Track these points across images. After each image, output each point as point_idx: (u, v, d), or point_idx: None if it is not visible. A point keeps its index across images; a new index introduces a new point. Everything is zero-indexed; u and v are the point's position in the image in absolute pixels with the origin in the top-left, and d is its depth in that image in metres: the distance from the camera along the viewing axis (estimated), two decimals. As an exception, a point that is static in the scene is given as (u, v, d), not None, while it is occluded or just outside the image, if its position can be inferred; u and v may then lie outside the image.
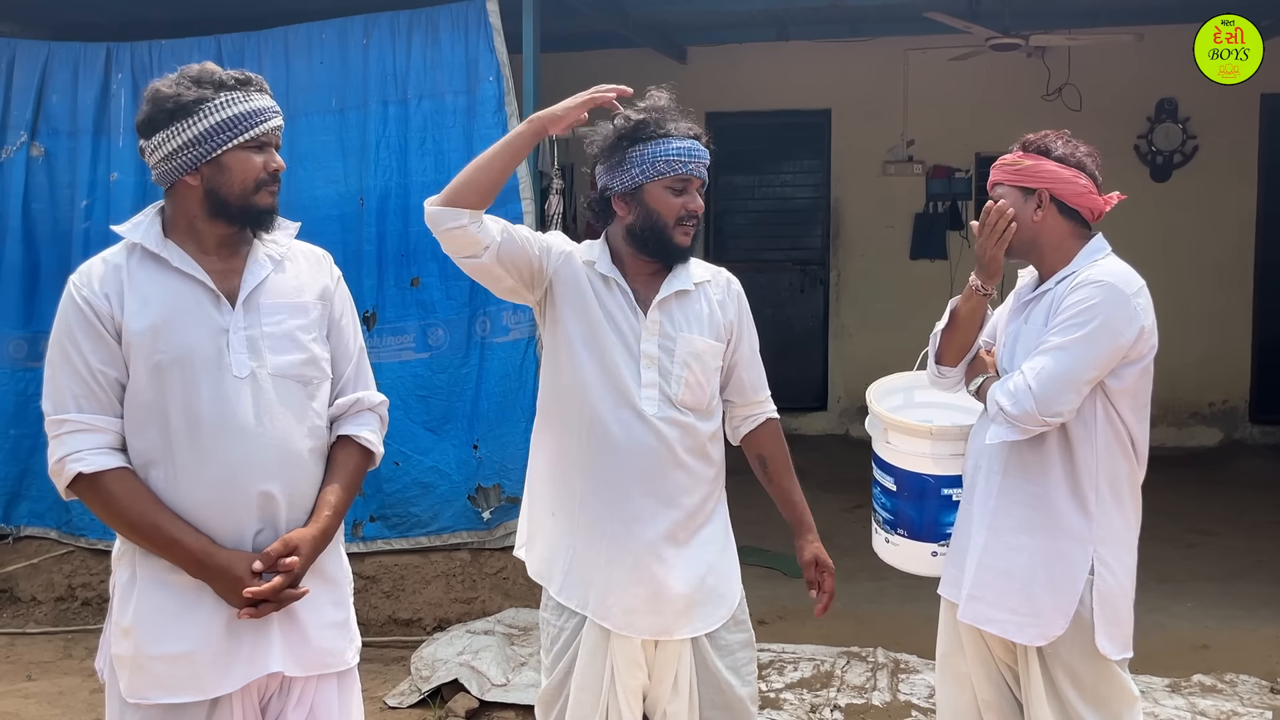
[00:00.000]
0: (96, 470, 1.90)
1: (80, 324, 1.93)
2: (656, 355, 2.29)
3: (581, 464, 2.32)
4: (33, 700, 3.99)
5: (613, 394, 2.28)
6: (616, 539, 2.29)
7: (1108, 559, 2.36)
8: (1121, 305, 2.34)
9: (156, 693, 1.91)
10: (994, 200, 2.45)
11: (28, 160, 4.93)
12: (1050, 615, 2.34)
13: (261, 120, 1.97)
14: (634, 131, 2.32)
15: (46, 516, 4.97)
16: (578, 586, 2.32)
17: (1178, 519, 5.92)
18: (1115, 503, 2.38)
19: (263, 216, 2.01)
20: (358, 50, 4.70)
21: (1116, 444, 2.38)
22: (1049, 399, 2.27)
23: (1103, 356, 2.31)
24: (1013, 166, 2.49)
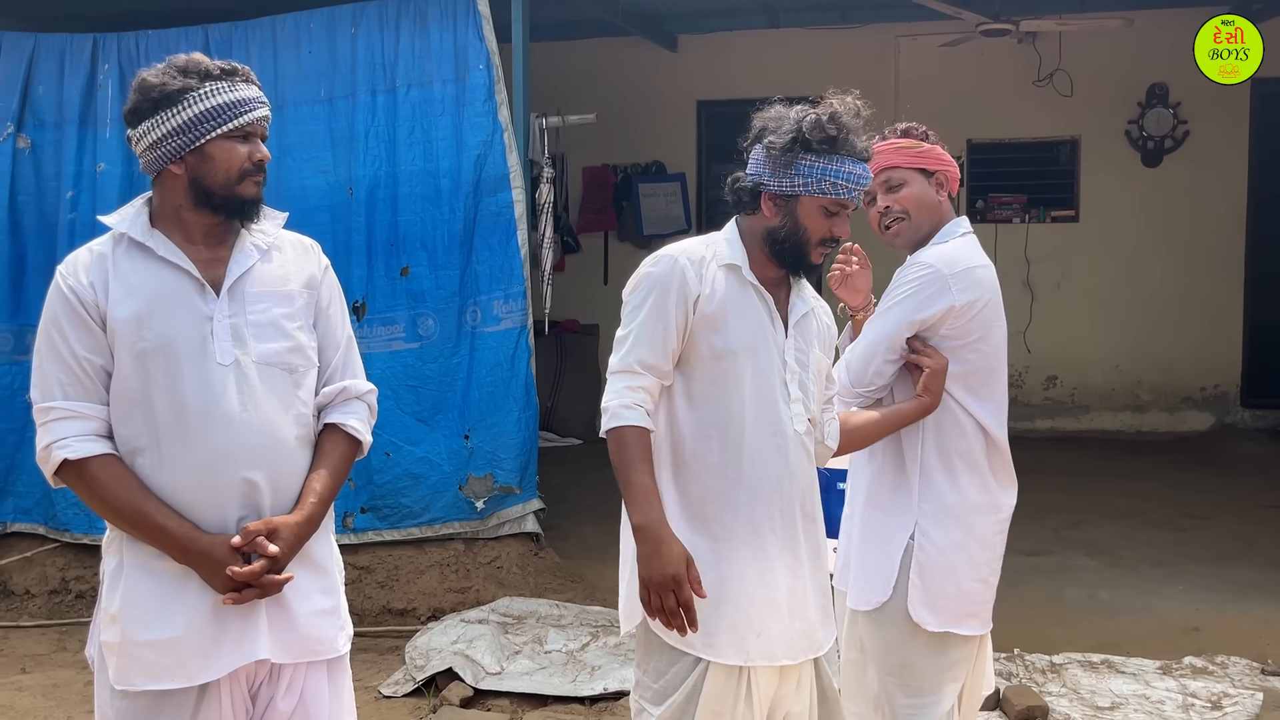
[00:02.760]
0: (82, 456, 1.91)
1: (66, 312, 1.93)
2: (798, 370, 2.18)
3: (739, 500, 2.12)
4: (27, 693, 3.98)
5: (760, 413, 2.12)
6: (776, 569, 2.13)
7: (930, 531, 2.40)
8: (932, 283, 2.38)
9: (144, 679, 1.91)
10: (883, 207, 2.49)
11: (14, 152, 4.91)
12: (874, 582, 2.42)
13: (246, 110, 1.97)
14: (811, 139, 2.13)
15: (33, 512, 4.95)
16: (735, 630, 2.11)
17: (1169, 503, 5.94)
18: (947, 477, 2.41)
19: (246, 206, 2.00)
20: (346, 40, 4.68)
21: (951, 422, 2.41)
22: (858, 372, 2.41)
23: (902, 329, 2.38)
24: (913, 149, 2.50)
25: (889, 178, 2.47)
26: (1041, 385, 7.93)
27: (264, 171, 2.02)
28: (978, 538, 2.42)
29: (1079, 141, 7.75)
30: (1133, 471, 6.68)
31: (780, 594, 2.12)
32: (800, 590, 2.16)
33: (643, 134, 8.05)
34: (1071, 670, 3.78)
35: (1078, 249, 7.77)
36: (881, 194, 2.48)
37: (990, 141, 7.87)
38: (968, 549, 2.41)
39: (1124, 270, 7.69)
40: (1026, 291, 7.80)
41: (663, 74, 7.93)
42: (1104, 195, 7.73)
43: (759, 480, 2.12)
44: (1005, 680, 3.72)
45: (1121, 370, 7.79)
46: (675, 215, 8.17)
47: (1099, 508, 5.90)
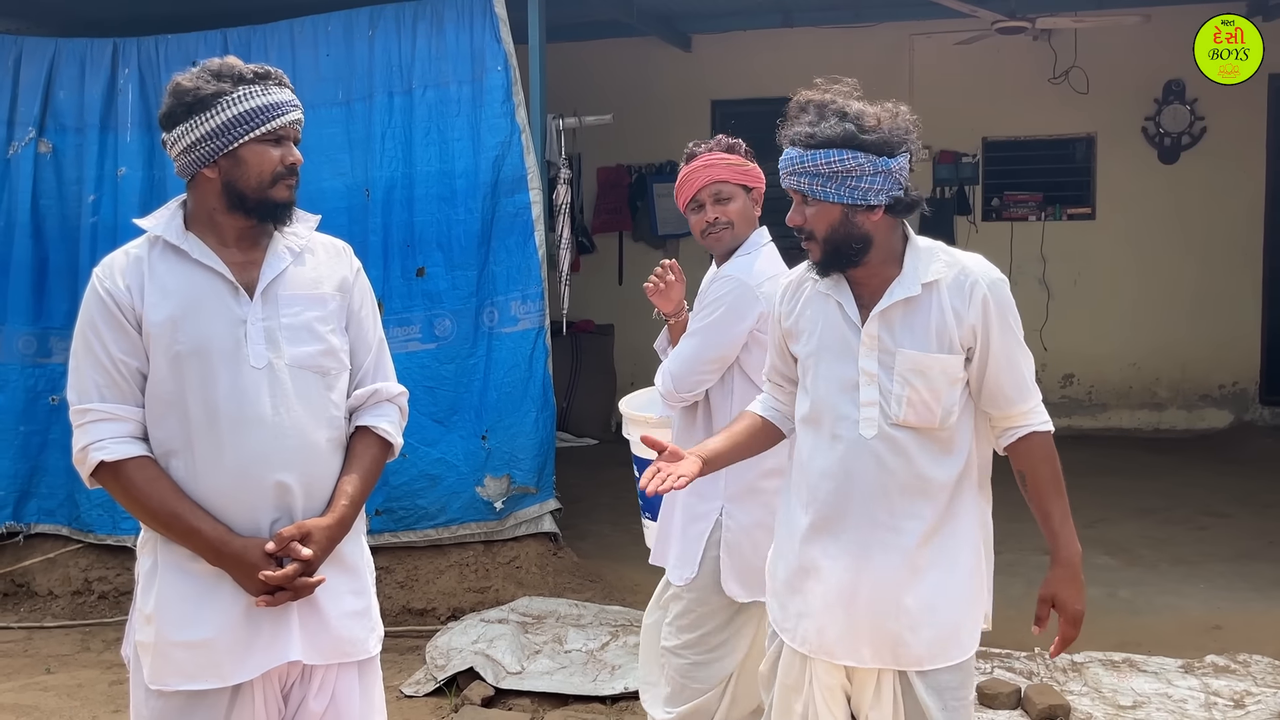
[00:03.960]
0: (118, 458, 1.93)
1: (103, 315, 1.95)
2: (876, 372, 2.11)
3: (799, 495, 2.22)
4: (51, 693, 4.01)
5: (832, 417, 2.15)
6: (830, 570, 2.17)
7: (735, 513, 2.70)
8: (744, 295, 2.66)
9: (177, 679, 1.93)
10: (712, 217, 2.73)
11: (35, 156, 4.94)
12: (686, 560, 2.73)
13: (279, 114, 1.98)
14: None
15: (56, 513, 4.98)
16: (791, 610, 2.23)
17: (1189, 501, 5.91)
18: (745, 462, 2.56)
19: (279, 209, 2.02)
20: (363, 42, 4.70)
21: None
22: (682, 377, 2.69)
23: (726, 339, 2.67)
24: (740, 167, 2.77)
25: (719, 190, 2.74)
26: (1058, 383, 7.90)
27: (296, 174, 2.03)
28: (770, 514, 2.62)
29: (1095, 139, 7.72)
30: (1151, 470, 6.65)
31: (836, 594, 2.14)
32: (870, 596, 2.12)
33: (657, 134, 8.05)
34: (1093, 669, 3.77)
35: (1094, 246, 7.74)
36: (711, 204, 2.74)
37: (1006, 139, 7.85)
38: (767, 525, 2.57)
39: (1141, 267, 7.65)
40: (1043, 289, 7.78)
41: (677, 74, 7.94)
42: (1121, 192, 7.69)
43: (820, 483, 2.16)
44: (1026, 679, 3.71)
45: (1139, 368, 7.76)
46: (690, 215, 8.17)
47: (1118, 506, 5.87)
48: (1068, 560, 2.16)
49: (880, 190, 2.07)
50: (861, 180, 2.05)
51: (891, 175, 2.07)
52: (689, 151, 2.83)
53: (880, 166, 2.06)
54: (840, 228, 2.08)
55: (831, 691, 2.18)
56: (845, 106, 2.10)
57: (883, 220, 2.11)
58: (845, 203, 2.06)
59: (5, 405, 4.94)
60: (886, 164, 2.06)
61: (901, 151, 2.08)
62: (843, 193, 2.06)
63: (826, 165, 2.05)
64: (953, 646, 2.13)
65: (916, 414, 2.09)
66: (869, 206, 2.07)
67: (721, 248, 2.75)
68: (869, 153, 2.05)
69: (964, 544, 2.15)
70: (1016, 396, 2.14)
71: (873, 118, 2.08)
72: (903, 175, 2.09)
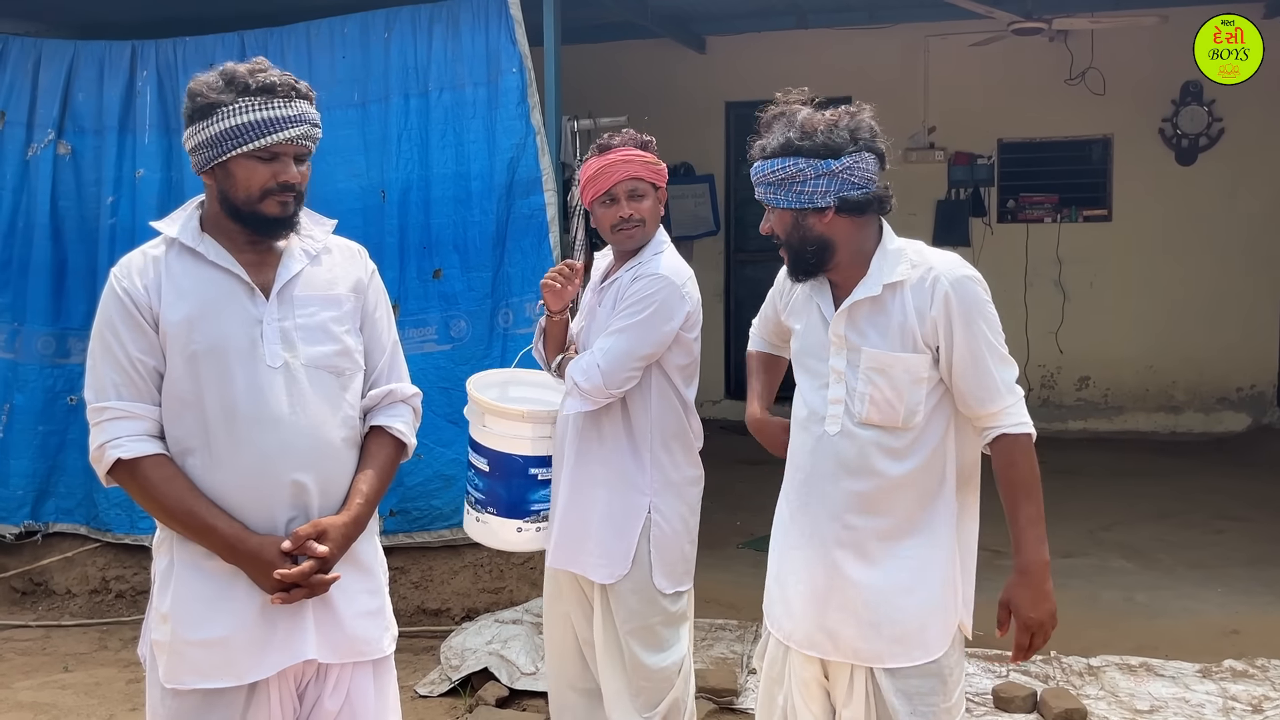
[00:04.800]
0: (135, 456, 1.94)
1: (120, 314, 1.96)
2: (843, 370, 2.17)
3: (785, 484, 2.31)
4: (70, 691, 4.04)
5: (805, 414, 2.24)
6: (799, 557, 2.25)
7: (662, 507, 2.77)
8: (673, 294, 2.71)
9: (193, 678, 1.94)
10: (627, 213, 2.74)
11: (55, 158, 4.98)
12: (617, 556, 2.74)
13: (272, 131, 1.94)
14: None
15: (75, 513, 5.02)
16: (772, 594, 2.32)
17: (1206, 505, 5.88)
18: (668, 456, 2.78)
19: (270, 224, 2.00)
20: (379, 44, 4.71)
21: (668, 408, 2.78)
22: (613, 373, 2.67)
23: (657, 337, 2.71)
24: (654, 166, 2.81)
25: (635, 186, 2.75)
26: (1074, 386, 7.86)
27: (294, 190, 2.00)
28: (691, 506, 2.83)
29: (1112, 140, 7.68)
30: (1168, 473, 6.61)
31: (803, 584, 2.22)
32: (828, 588, 2.18)
33: (671, 135, 8.00)
34: (1109, 673, 3.75)
35: (1110, 248, 7.70)
36: (625, 199, 2.75)
37: (1021, 141, 7.82)
38: (685, 517, 2.80)
39: (1157, 269, 7.61)
40: (1058, 291, 7.75)
41: (691, 75, 7.93)
42: (1137, 194, 7.65)
43: (800, 477, 2.25)
44: (1042, 683, 3.70)
45: (1155, 370, 7.71)
46: (704, 217, 8.17)
47: (1134, 510, 5.85)
48: (1026, 566, 2.14)
49: (825, 192, 2.13)
50: (805, 185, 2.13)
51: (835, 176, 2.12)
52: (603, 144, 2.82)
53: (822, 169, 2.12)
54: (794, 232, 2.18)
55: (807, 685, 2.24)
56: (793, 116, 2.17)
57: (836, 221, 2.16)
58: (794, 207, 2.16)
59: (24, 405, 4.98)
60: (828, 165, 2.12)
61: (850, 151, 2.12)
62: (790, 198, 2.16)
63: (773, 174, 2.16)
64: (915, 648, 2.15)
65: (880, 412, 2.13)
66: (816, 209, 2.15)
67: (631, 244, 2.79)
68: (808, 157, 2.13)
69: (933, 547, 2.16)
70: (985, 397, 2.13)
71: (811, 123, 2.14)
72: (854, 174, 2.13)
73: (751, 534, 5.40)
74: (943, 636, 2.17)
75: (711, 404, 8.34)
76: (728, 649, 4.06)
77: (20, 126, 4.98)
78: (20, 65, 4.99)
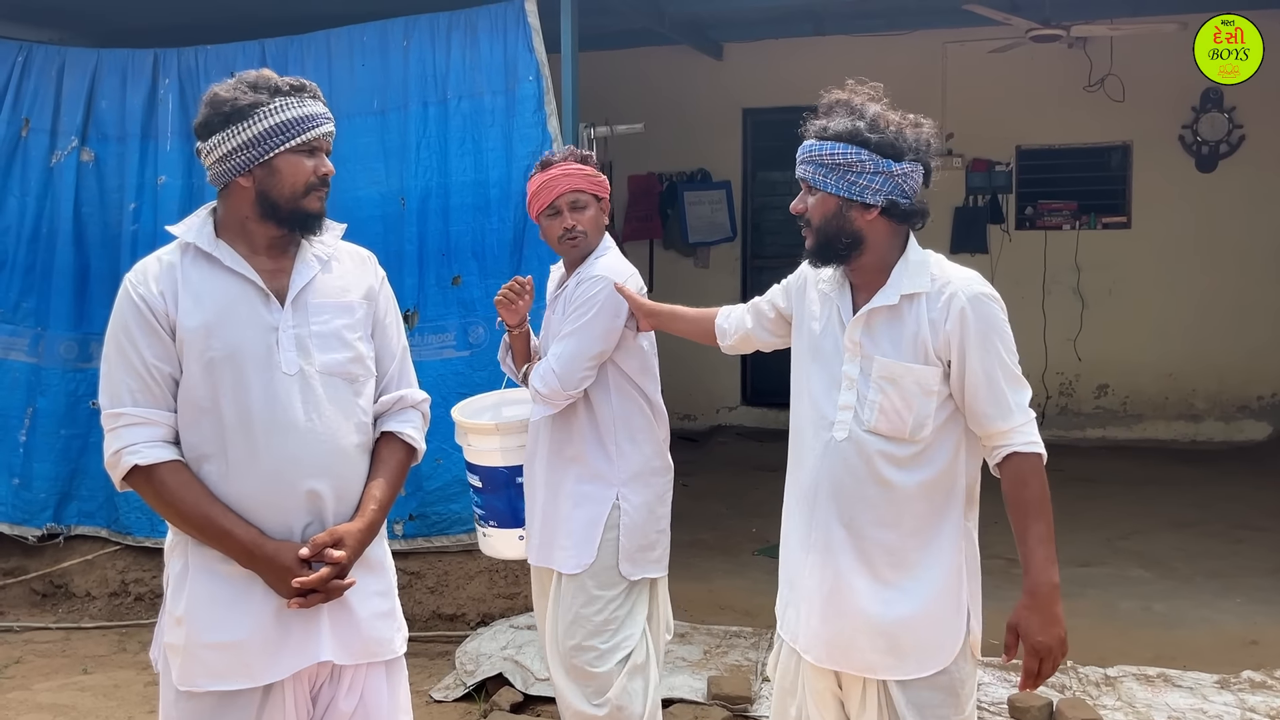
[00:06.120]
0: (151, 462, 1.95)
1: (136, 320, 1.98)
2: (855, 377, 2.16)
3: (790, 486, 2.33)
4: (89, 693, 4.08)
5: (814, 416, 2.23)
6: (807, 564, 2.25)
7: (630, 495, 2.89)
8: (614, 292, 2.84)
9: (208, 680, 1.95)
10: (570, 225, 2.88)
11: (78, 165, 5.03)
12: (584, 545, 2.86)
13: (313, 125, 2.02)
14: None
15: (96, 515, 5.07)
16: (782, 599, 2.34)
17: (1226, 514, 5.84)
18: (633, 448, 2.91)
19: (310, 220, 2.05)
20: (398, 52, 4.74)
21: (630, 403, 2.92)
22: (568, 375, 2.82)
23: (603, 334, 2.84)
24: (596, 178, 2.94)
25: (577, 199, 2.90)
26: (1092, 394, 7.82)
27: (328, 186, 2.07)
28: (659, 495, 2.96)
29: (1131, 147, 7.64)
30: (1187, 482, 6.56)
31: (812, 591, 2.22)
32: (831, 597, 2.18)
33: (688, 142, 8.07)
34: (1127, 683, 3.73)
35: (1130, 255, 7.66)
36: (569, 211, 2.89)
37: (1040, 147, 7.79)
38: (652, 505, 2.93)
39: (1177, 277, 7.56)
40: (1077, 299, 7.71)
41: (708, 82, 7.95)
42: (1157, 201, 7.61)
43: (806, 481, 2.25)
44: (1059, 693, 3.68)
45: (1175, 378, 7.66)
46: (720, 223, 8.17)
47: (1153, 518, 5.81)
48: (1034, 589, 2.09)
49: (878, 190, 2.12)
50: (860, 176, 2.11)
51: (892, 178, 2.12)
52: (545, 160, 2.97)
53: (882, 167, 2.11)
54: (834, 220, 2.15)
55: (821, 696, 2.23)
56: (863, 106, 2.16)
57: (877, 222, 2.15)
58: (842, 195, 2.13)
59: (47, 409, 5.04)
60: (889, 165, 2.11)
61: (909, 159, 2.12)
62: (841, 185, 2.13)
63: (830, 156, 2.13)
64: (926, 659, 2.12)
65: (888, 421, 2.12)
66: (864, 204, 2.13)
67: (577, 253, 2.93)
68: (872, 151, 2.11)
69: (939, 560, 2.14)
70: (995, 414, 2.10)
71: (884, 120, 2.13)
72: (906, 181, 2.13)
73: (766, 541, 5.39)
74: (951, 647, 2.15)
75: (727, 410, 8.34)
76: (742, 656, 4.06)
77: (44, 134, 5.05)
78: (44, 73, 5.06)
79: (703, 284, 8.09)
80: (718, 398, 8.34)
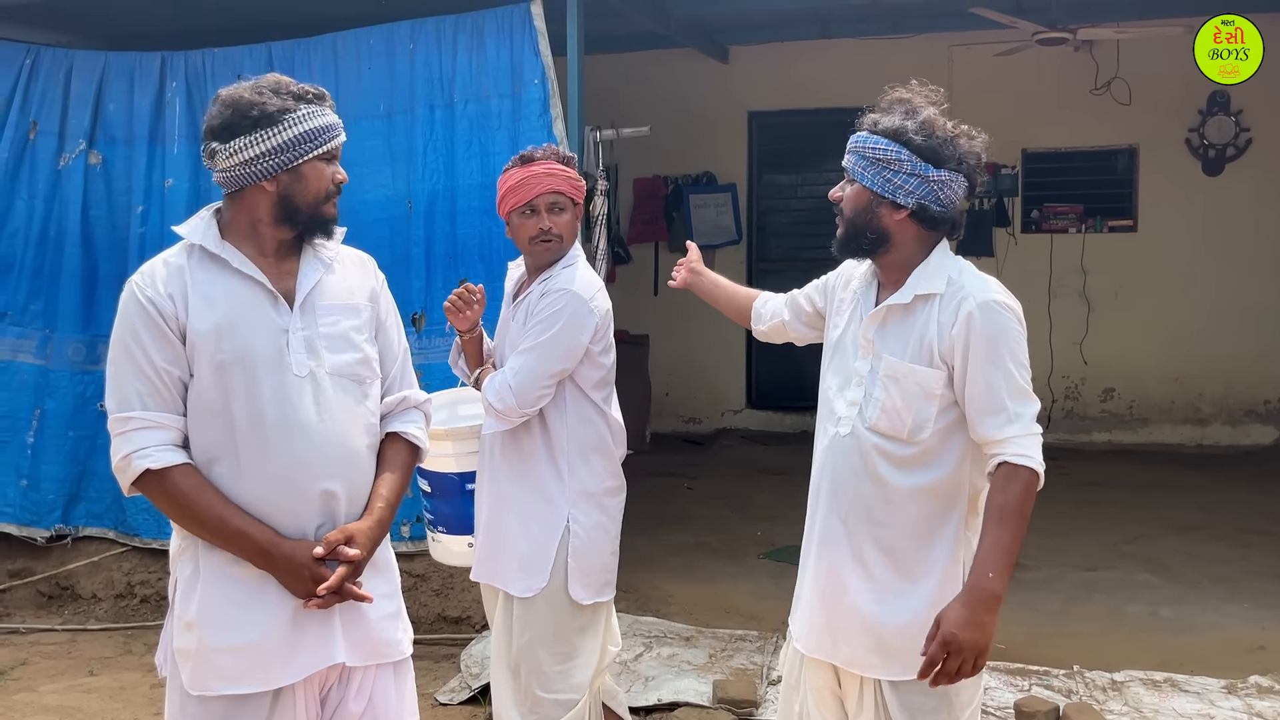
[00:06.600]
0: (164, 466, 1.95)
1: (145, 324, 1.97)
2: (865, 374, 2.18)
3: (811, 482, 2.34)
4: (95, 695, 4.08)
5: (826, 411, 2.26)
6: (811, 557, 2.28)
7: (581, 519, 2.77)
8: (580, 309, 2.72)
9: (220, 684, 1.95)
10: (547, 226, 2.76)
11: (86, 168, 5.05)
12: (535, 569, 2.74)
13: (336, 134, 2.06)
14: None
15: (104, 517, 5.09)
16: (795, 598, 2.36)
17: (1233, 518, 5.82)
18: (586, 469, 2.78)
19: (328, 225, 2.08)
20: (405, 55, 4.75)
21: (585, 420, 2.79)
22: (525, 393, 2.69)
23: (566, 353, 2.71)
24: (576, 181, 2.81)
25: (556, 200, 2.77)
26: (1098, 397, 7.81)
27: (340, 192, 2.09)
28: (611, 517, 2.83)
29: (1137, 150, 7.63)
30: (1194, 486, 6.55)
31: (811, 582, 2.26)
32: (826, 591, 2.21)
33: (694, 145, 8.07)
34: (1133, 688, 3.72)
35: (1136, 259, 7.65)
36: (546, 213, 2.76)
37: (1046, 151, 7.78)
38: (605, 528, 2.81)
39: (1184, 280, 7.55)
40: (1083, 302, 7.70)
41: (714, 85, 7.95)
42: (1163, 204, 7.60)
43: (815, 476, 2.28)
44: (1065, 697, 3.67)
45: (1181, 382, 7.65)
46: (726, 226, 8.18)
47: (1159, 522, 5.79)
48: (974, 589, 2.03)
49: (911, 192, 2.13)
50: (896, 175, 2.12)
51: (928, 182, 2.12)
52: (526, 155, 2.82)
53: (919, 169, 2.11)
54: (863, 213, 2.17)
55: (820, 693, 2.25)
56: (918, 108, 2.16)
57: (906, 223, 2.16)
58: (875, 190, 2.15)
59: (55, 411, 5.05)
60: (926, 169, 2.11)
61: (950, 167, 2.11)
62: (876, 181, 2.15)
63: (872, 150, 2.15)
64: (912, 663, 2.07)
65: (888, 420, 2.13)
66: (895, 203, 2.14)
67: (548, 257, 2.80)
68: (912, 151, 2.11)
69: (934, 566, 2.14)
70: (992, 423, 2.07)
71: (934, 125, 2.13)
72: (943, 189, 2.13)
73: (772, 544, 5.38)
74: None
75: (733, 414, 8.34)
76: (748, 660, 4.05)
77: (52, 136, 5.06)
78: (52, 76, 5.07)
79: (708, 287, 8.07)
80: (723, 401, 8.35)
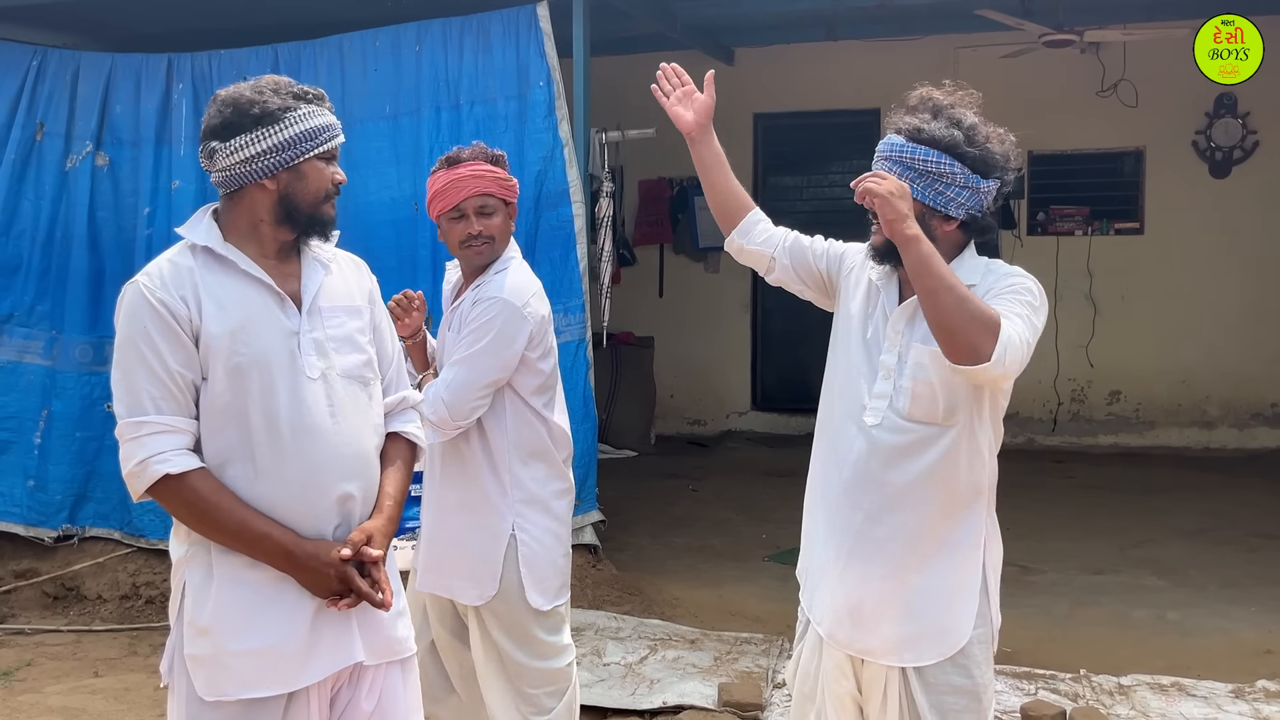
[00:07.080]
0: (183, 471, 1.92)
1: (158, 326, 1.94)
2: (892, 366, 2.17)
3: (816, 469, 2.34)
4: (99, 696, 4.08)
5: (846, 402, 2.24)
6: (830, 548, 2.27)
7: (527, 525, 2.74)
8: (512, 317, 2.66)
9: (237, 689, 1.94)
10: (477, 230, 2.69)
11: (93, 169, 5.06)
12: (484, 578, 2.71)
13: (334, 134, 2.05)
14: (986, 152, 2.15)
15: (110, 518, 5.09)
16: (807, 588, 2.35)
17: (1240, 522, 5.80)
18: (529, 474, 2.74)
19: (326, 225, 2.07)
20: (410, 57, 4.76)
21: (526, 426, 2.74)
22: (458, 405, 2.64)
23: (500, 363, 2.66)
24: (506, 182, 2.76)
25: (485, 203, 2.71)
26: (1104, 400, 7.79)
27: (339, 193, 2.09)
28: (560, 519, 2.80)
29: (1144, 152, 7.62)
30: (1201, 489, 6.53)
31: (829, 570, 2.24)
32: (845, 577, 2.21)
33: (699, 147, 8.05)
34: (1140, 692, 3.71)
35: (1142, 261, 7.64)
36: (475, 216, 2.70)
37: (1052, 153, 7.77)
38: (555, 531, 2.78)
39: (1190, 283, 7.53)
40: (1089, 305, 7.69)
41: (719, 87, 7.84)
42: (1170, 207, 7.58)
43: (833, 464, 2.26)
44: (1072, 701, 3.66)
45: (1188, 385, 7.63)
46: (731, 228, 8.16)
47: (1166, 526, 5.77)
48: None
49: (962, 204, 2.11)
50: (949, 188, 2.09)
51: (979, 194, 2.11)
52: (452, 156, 2.76)
53: (971, 182, 2.10)
54: None
55: (841, 700, 2.23)
56: (962, 115, 2.13)
57: (954, 233, 2.14)
58: (926, 204, 2.10)
59: (62, 412, 5.06)
60: (978, 182, 2.10)
61: (995, 176, 2.11)
62: (929, 194, 2.10)
63: (923, 162, 2.09)
64: (939, 643, 2.13)
65: (921, 407, 2.12)
66: (946, 216, 2.11)
67: (480, 261, 2.74)
68: (965, 164, 2.08)
69: (958, 550, 2.16)
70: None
71: (981, 134, 2.11)
72: (986, 198, 2.12)
73: (777, 547, 5.38)
74: (966, 628, 2.15)
75: (737, 415, 8.33)
76: (753, 663, 4.05)
77: (59, 138, 5.08)
78: (59, 77, 5.09)
79: (713, 289, 8.09)
80: (728, 403, 8.34)
